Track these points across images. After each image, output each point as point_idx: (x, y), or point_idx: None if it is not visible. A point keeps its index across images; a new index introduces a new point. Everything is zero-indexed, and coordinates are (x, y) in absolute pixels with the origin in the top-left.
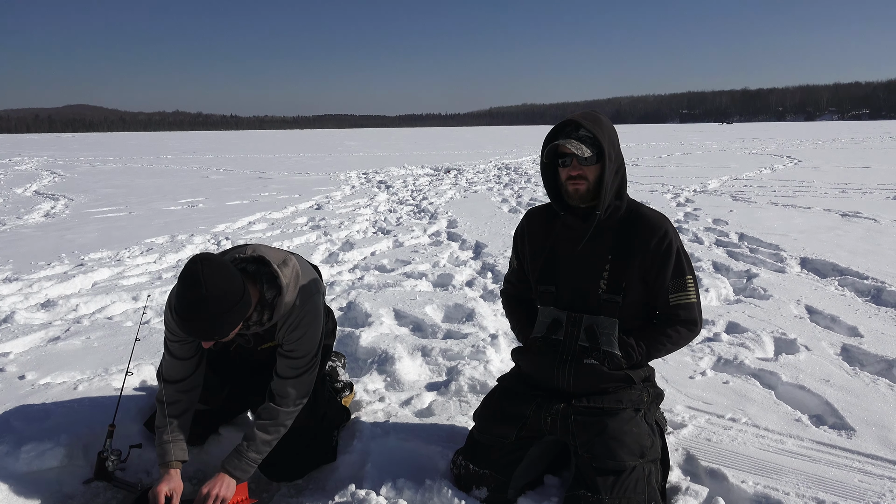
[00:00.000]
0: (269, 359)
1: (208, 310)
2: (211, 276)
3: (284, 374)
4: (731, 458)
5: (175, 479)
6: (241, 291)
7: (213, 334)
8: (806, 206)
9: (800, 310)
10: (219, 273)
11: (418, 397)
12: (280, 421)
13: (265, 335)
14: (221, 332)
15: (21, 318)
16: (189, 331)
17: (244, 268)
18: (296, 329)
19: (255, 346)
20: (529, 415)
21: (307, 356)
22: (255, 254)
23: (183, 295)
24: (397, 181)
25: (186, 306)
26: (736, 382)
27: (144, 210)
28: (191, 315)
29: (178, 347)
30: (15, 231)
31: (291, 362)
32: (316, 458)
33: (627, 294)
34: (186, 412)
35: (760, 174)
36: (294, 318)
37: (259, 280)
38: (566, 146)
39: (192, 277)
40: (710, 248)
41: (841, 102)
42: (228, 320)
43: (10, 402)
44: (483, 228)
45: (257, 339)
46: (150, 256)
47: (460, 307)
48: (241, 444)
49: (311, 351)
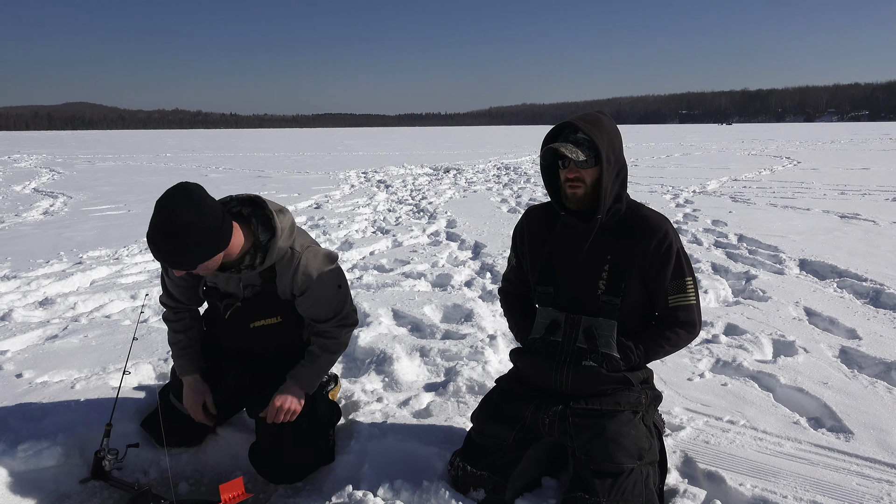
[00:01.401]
0: (260, 343)
1: (175, 234)
2: (185, 203)
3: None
4: (729, 461)
5: (197, 385)
6: (218, 225)
7: (179, 261)
8: (805, 207)
9: (798, 312)
10: (194, 201)
11: (416, 398)
12: (341, 341)
13: (265, 294)
14: (188, 260)
15: (19, 316)
16: (156, 254)
17: (238, 210)
18: (307, 274)
19: (249, 317)
20: (527, 416)
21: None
22: (250, 195)
23: (154, 218)
24: (396, 180)
25: (153, 228)
26: (734, 384)
27: (143, 208)
28: (156, 238)
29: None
30: (13, 229)
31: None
32: (314, 459)
33: (626, 296)
34: (192, 329)
35: (760, 175)
36: (300, 270)
37: (252, 222)
38: (560, 150)
39: (166, 201)
40: (708, 250)
41: (840, 104)
42: (197, 250)
43: (7, 401)
44: (482, 228)
45: (256, 300)
46: (148, 255)
47: (459, 307)
48: (307, 359)
49: (334, 284)
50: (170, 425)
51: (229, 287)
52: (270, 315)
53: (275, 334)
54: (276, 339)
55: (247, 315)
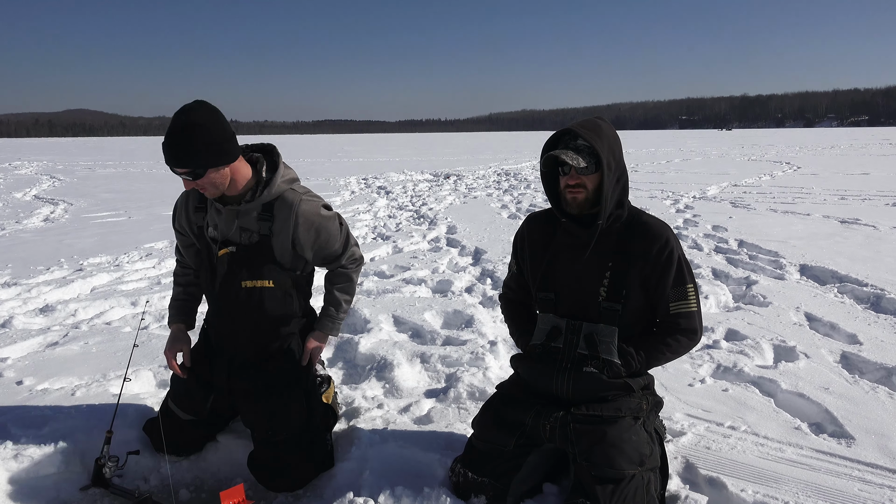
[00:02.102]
0: (250, 310)
1: (187, 132)
2: (200, 108)
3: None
4: (731, 467)
5: (178, 335)
6: (229, 136)
7: (187, 160)
8: (805, 212)
9: (799, 317)
10: (208, 109)
11: (417, 404)
12: (353, 281)
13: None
14: (195, 160)
15: (19, 323)
16: (168, 153)
17: (251, 155)
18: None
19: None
20: (528, 422)
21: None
22: (265, 143)
23: (170, 122)
24: (397, 187)
25: (168, 130)
26: (735, 390)
27: (144, 215)
28: (168, 137)
29: (182, 243)
30: (14, 236)
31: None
32: (314, 468)
33: (627, 302)
34: (191, 285)
35: (760, 180)
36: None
37: (260, 162)
38: (561, 157)
39: (183, 106)
40: (709, 255)
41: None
42: (206, 151)
43: (7, 408)
44: (482, 234)
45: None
46: (149, 262)
47: (459, 313)
48: (328, 308)
49: (335, 221)
50: (168, 431)
51: (228, 232)
52: (263, 277)
53: (266, 300)
54: (268, 307)
55: (240, 267)
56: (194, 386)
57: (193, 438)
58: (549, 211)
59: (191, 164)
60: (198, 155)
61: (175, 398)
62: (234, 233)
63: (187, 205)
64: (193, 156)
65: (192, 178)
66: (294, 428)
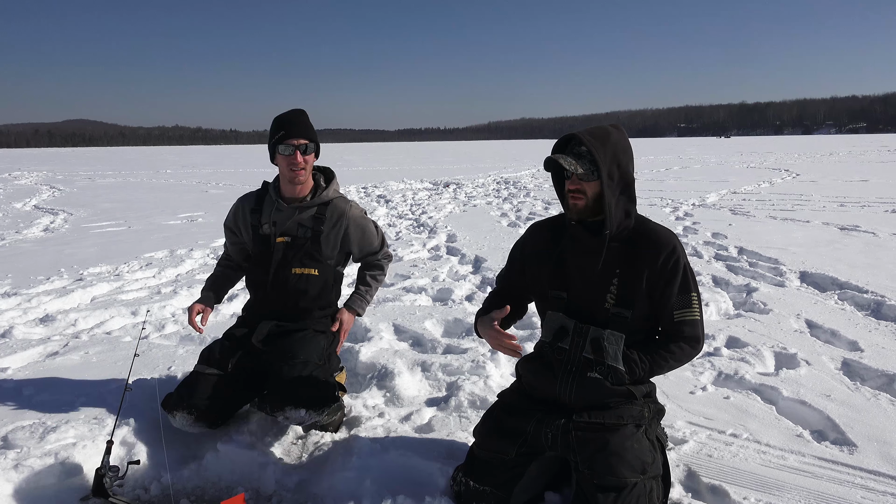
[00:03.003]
0: (296, 292)
1: (303, 113)
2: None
3: (373, 247)
4: (733, 475)
5: (205, 300)
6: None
7: (304, 130)
8: (805, 219)
9: (800, 324)
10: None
11: (418, 413)
12: (384, 271)
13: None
14: (309, 133)
15: (19, 332)
16: (290, 122)
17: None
18: (353, 217)
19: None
20: (530, 431)
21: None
22: (325, 166)
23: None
24: (396, 195)
25: (286, 113)
26: (737, 397)
27: (144, 224)
28: (291, 114)
29: (231, 241)
30: (14, 245)
31: (369, 243)
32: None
33: (634, 309)
34: (229, 269)
35: (759, 188)
36: (348, 215)
37: (317, 176)
38: (558, 160)
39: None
40: (709, 262)
41: (838, 116)
42: (313, 131)
43: (7, 418)
44: (482, 242)
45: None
46: (149, 271)
47: (460, 322)
48: (360, 288)
49: (373, 223)
50: (185, 385)
51: (286, 225)
52: (311, 265)
53: (310, 286)
54: (311, 292)
55: (293, 255)
56: (224, 343)
57: (210, 391)
58: (554, 219)
59: (313, 138)
60: (310, 129)
61: (201, 359)
62: (292, 226)
63: (244, 207)
64: (313, 133)
65: (303, 151)
66: (314, 356)
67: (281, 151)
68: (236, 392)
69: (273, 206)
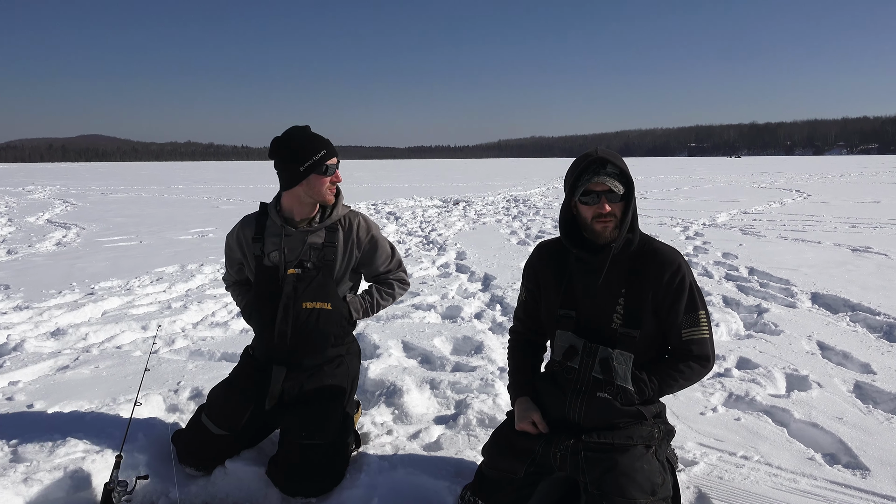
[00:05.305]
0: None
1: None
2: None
3: (386, 265)
4: (744, 497)
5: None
6: None
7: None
8: (816, 240)
9: (811, 346)
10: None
11: (426, 431)
12: (396, 295)
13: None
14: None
15: (30, 346)
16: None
17: None
18: (366, 229)
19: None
20: (539, 450)
21: (387, 250)
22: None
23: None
24: (406, 212)
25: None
26: (748, 419)
27: (155, 239)
28: (313, 132)
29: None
30: (26, 259)
31: (381, 261)
32: (337, 476)
33: (641, 328)
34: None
35: (770, 208)
36: (360, 227)
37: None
38: (605, 183)
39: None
40: (719, 283)
41: (849, 137)
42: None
43: (18, 431)
44: (492, 260)
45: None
46: (160, 286)
47: (469, 340)
48: (372, 289)
49: (387, 239)
50: (196, 445)
51: (298, 251)
52: (323, 299)
53: (322, 322)
54: (323, 329)
55: (303, 288)
56: (236, 397)
57: (220, 451)
58: (558, 239)
59: (335, 151)
60: (332, 147)
61: (210, 411)
62: (305, 251)
63: (245, 234)
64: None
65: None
66: (329, 436)
67: (325, 172)
68: (246, 444)
69: (280, 231)
